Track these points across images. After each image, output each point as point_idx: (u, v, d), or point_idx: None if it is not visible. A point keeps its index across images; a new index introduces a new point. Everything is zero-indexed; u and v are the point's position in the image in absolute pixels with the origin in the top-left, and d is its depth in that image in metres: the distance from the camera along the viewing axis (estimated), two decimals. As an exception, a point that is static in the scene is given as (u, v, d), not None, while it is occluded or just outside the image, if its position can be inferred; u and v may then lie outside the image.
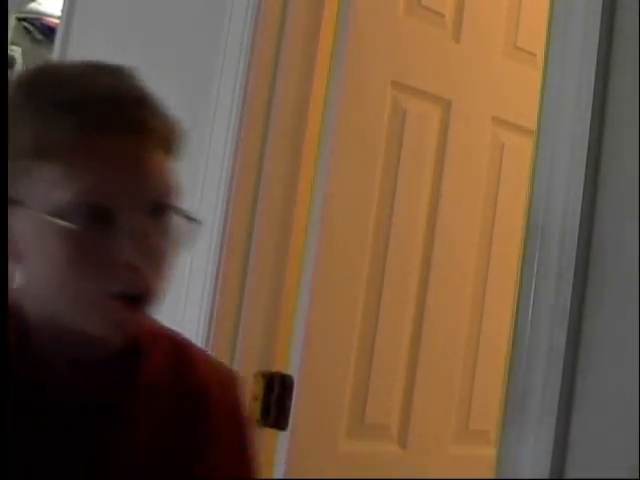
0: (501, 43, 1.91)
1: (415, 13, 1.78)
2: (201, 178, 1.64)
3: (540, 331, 1.06)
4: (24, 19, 3.23)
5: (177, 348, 0.92)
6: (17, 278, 0.82)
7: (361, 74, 1.69)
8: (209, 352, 1.55)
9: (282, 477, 1.59)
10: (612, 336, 1.00)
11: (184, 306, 1.62)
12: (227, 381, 0.94)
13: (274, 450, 1.61)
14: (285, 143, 1.62)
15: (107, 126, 0.77)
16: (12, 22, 3.14)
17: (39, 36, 3.24)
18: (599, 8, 1.06)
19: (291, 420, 1.59)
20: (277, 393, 1.59)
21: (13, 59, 3.12)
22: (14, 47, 3.14)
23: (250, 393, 1.58)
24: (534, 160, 1.12)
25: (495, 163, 1.90)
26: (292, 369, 1.61)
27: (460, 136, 1.84)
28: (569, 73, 1.08)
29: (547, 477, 1.02)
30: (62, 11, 2.37)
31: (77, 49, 2.27)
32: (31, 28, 3.24)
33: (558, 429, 1.02)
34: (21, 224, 0.78)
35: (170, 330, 0.93)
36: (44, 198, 0.76)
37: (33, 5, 3.22)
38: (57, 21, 2.55)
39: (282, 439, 1.60)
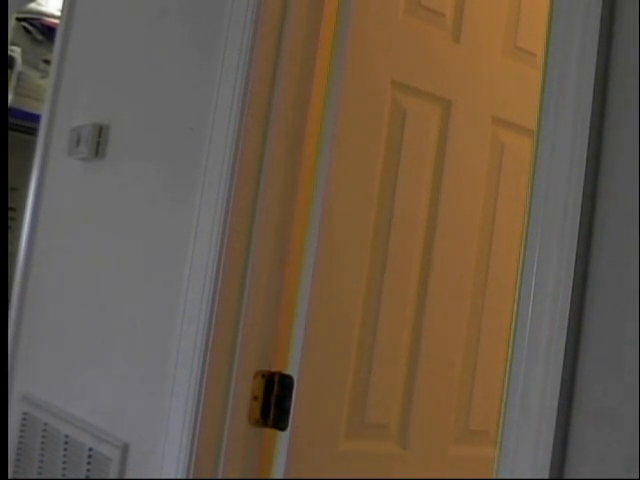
0: (501, 43, 1.91)
1: (415, 13, 1.78)
2: (201, 178, 1.64)
3: (540, 331, 1.06)
4: (24, 19, 3.23)
5: None
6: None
7: (361, 74, 1.69)
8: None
9: (282, 477, 1.59)
10: (612, 335, 1.00)
11: (184, 306, 1.62)
12: None
13: (274, 450, 1.61)
14: (285, 143, 1.62)
15: None
16: (12, 22, 3.14)
17: (39, 36, 3.25)
18: (599, 8, 1.06)
19: (291, 420, 1.59)
20: (277, 393, 1.59)
21: (13, 59, 3.12)
22: (14, 47, 3.15)
23: (250, 393, 1.58)
24: (534, 160, 1.12)
25: (495, 163, 1.90)
26: (292, 369, 1.61)
27: (460, 136, 1.84)
28: (569, 73, 1.08)
29: (547, 477, 1.02)
30: (62, 11, 2.37)
31: (77, 49, 2.27)
32: (31, 28, 3.24)
33: (558, 429, 1.02)
34: None
35: None
36: None
37: (33, 5, 3.23)
38: (57, 21, 2.56)
39: (282, 439, 1.60)
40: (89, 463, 1.83)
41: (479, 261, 1.88)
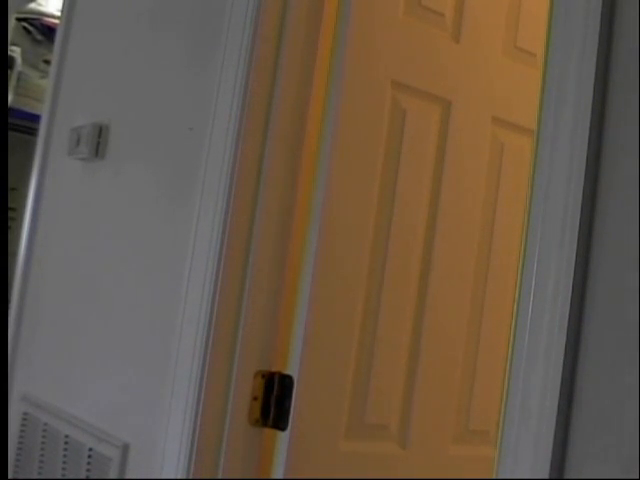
0: (501, 43, 1.91)
1: (415, 13, 1.78)
2: (201, 178, 1.64)
3: (540, 331, 1.06)
4: (24, 19, 3.23)
5: None
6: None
7: (361, 74, 1.69)
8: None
9: (282, 477, 1.59)
10: (612, 336, 1.00)
11: (184, 306, 1.62)
12: None
13: (274, 450, 1.61)
14: (285, 143, 1.62)
15: None
16: (12, 22, 3.14)
17: (39, 36, 3.25)
18: (599, 8, 1.06)
19: (291, 420, 1.59)
20: (277, 393, 1.59)
21: (13, 59, 3.12)
22: (14, 47, 3.15)
23: (250, 393, 1.58)
24: (534, 160, 1.12)
25: (495, 163, 1.90)
26: (292, 369, 1.61)
27: (460, 136, 1.84)
28: (569, 73, 1.08)
29: (547, 477, 1.02)
30: (62, 11, 2.37)
31: (77, 49, 2.27)
32: (31, 28, 3.24)
33: (558, 429, 1.02)
34: None
35: None
36: None
37: (33, 5, 3.23)
38: (57, 21, 2.56)
39: (282, 439, 1.60)
40: (89, 463, 1.83)
41: (479, 261, 1.88)
